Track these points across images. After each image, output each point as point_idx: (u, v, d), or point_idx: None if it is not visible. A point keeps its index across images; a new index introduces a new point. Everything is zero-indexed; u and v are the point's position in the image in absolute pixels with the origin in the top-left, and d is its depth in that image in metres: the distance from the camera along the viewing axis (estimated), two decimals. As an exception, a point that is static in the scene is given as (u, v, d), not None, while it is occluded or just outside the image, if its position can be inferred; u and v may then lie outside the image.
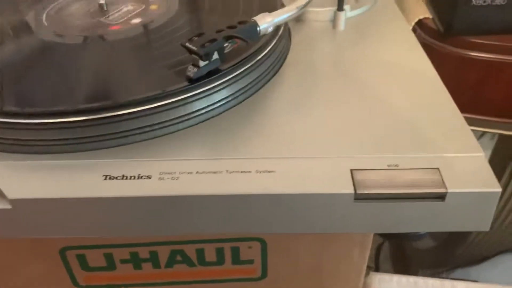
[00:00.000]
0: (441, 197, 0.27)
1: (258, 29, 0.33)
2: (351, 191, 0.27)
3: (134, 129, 0.29)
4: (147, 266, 0.37)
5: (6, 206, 0.27)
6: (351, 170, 0.28)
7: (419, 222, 0.28)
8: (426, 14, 0.55)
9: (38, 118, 0.29)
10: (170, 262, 0.37)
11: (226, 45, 0.32)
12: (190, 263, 0.37)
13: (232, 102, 0.32)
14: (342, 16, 0.42)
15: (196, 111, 0.31)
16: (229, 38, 0.31)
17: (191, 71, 0.31)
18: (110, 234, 0.30)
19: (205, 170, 0.28)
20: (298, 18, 0.44)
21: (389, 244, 0.98)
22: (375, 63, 0.38)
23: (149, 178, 0.28)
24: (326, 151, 0.29)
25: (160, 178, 0.28)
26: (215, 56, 0.31)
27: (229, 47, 0.32)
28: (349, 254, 0.38)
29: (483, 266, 0.85)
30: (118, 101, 0.29)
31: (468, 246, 0.83)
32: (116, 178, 0.28)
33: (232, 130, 0.31)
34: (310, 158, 0.29)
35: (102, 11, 0.40)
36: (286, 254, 0.38)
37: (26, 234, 0.30)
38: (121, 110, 0.29)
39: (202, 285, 0.39)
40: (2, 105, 0.30)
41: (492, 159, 0.71)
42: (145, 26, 0.38)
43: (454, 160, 0.29)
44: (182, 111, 0.30)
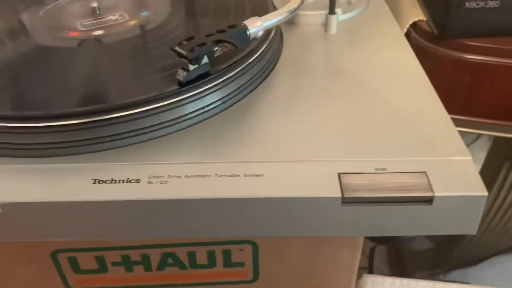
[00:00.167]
0: (428, 200, 0.27)
1: (248, 33, 0.33)
2: (338, 195, 0.27)
3: (123, 133, 0.29)
4: (139, 268, 0.37)
5: (-4, 209, 0.28)
6: (339, 174, 0.28)
7: (407, 225, 0.28)
8: (421, 16, 0.55)
9: (27, 122, 0.29)
10: (162, 265, 0.37)
11: (216, 49, 0.32)
12: (181, 266, 0.37)
13: (221, 106, 0.32)
14: (333, 19, 0.42)
15: (185, 115, 0.31)
16: (218, 42, 0.32)
17: (181, 75, 0.31)
18: (100, 237, 0.30)
19: (193, 174, 0.28)
20: (291, 21, 0.44)
21: (386, 246, 0.98)
22: (365, 67, 0.38)
23: (137, 182, 0.28)
24: (314, 155, 0.29)
25: (149, 182, 0.28)
26: (205, 60, 0.31)
27: (219, 51, 0.32)
28: (340, 256, 0.38)
29: (480, 267, 0.85)
30: (106, 105, 0.29)
31: (464, 247, 0.83)
32: (105, 182, 0.28)
33: (221, 134, 0.31)
34: (298, 161, 0.29)
35: (94, 14, 0.40)
36: (278, 256, 0.38)
37: (16, 237, 0.30)
38: (109, 114, 0.29)
39: (194, 287, 0.40)
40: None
41: (487, 160, 0.71)
42: (137, 29, 0.38)
43: (442, 163, 0.29)
44: (171, 115, 0.30)
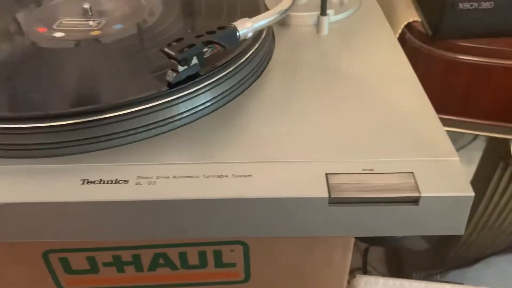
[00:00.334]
0: (414, 201, 0.27)
1: (238, 34, 0.33)
2: (326, 195, 0.27)
3: (111, 134, 0.30)
4: (130, 269, 0.37)
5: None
6: (326, 174, 0.28)
7: (394, 225, 0.29)
8: (415, 17, 0.55)
9: (16, 123, 0.29)
10: (153, 266, 0.37)
11: (205, 50, 0.32)
12: (173, 267, 0.38)
13: (210, 108, 0.32)
14: (325, 20, 0.42)
15: (174, 116, 0.31)
16: (208, 43, 0.32)
17: (170, 76, 0.31)
18: (89, 238, 0.30)
19: (182, 174, 0.28)
20: (283, 22, 0.44)
21: (384, 247, 0.98)
22: (356, 68, 0.38)
23: (126, 182, 0.28)
24: (302, 155, 0.29)
25: (137, 183, 0.28)
26: (194, 61, 0.31)
27: (208, 52, 0.32)
28: (331, 256, 0.38)
29: (477, 268, 0.85)
30: (95, 106, 0.30)
31: (460, 248, 0.83)
32: (93, 183, 0.28)
33: (210, 134, 0.31)
34: (286, 162, 0.29)
35: (86, 16, 0.41)
36: (269, 257, 0.38)
37: (6, 238, 0.30)
38: (98, 115, 0.29)
39: (186, 288, 0.40)
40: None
41: (482, 161, 0.71)
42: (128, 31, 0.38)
43: (429, 164, 0.29)
44: (160, 116, 0.30)
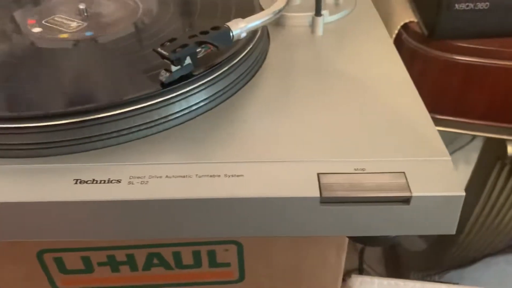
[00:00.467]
0: (406, 200, 0.27)
1: (231, 34, 0.33)
2: (317, 195, 0.27)
3: (104, 133, 0.30)
4: (125, 269, 0.38)
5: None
6: (318, 174, 0.28)
7: (386, 225, 0.29)
8: (412, 18, 0.55)
9: (8, 122, 0.29)
10: (148, 265, 0.38)
11: (199, 50, 0.32)
12: (167, 266, 0.38)
13: (203, 108, 0.33)
14: (320, 21, 0.42)
15: (166, 116, 0.31)
16: (201, 43, 0.32)
17: (163, 76, 0.31)
18: (83, 237, 0.30)
19: (174, 174, 0.28)
20: (277, 23, 0.44)
21: (382, 248, 0.98)
22: (349, 69, 0.38)
23: (118, 182, 0.28)
24: (294, 155, 0.30)
25: (129, 182, 0.28)
26: (188, 61, 0.31)
27: (202, 52, 0.33)
28: (325, 256, 0.38)
29: (475, 268, 0.85)
30: (88, 106, 0.30)
31: (458, 248, 0.83)
32: (86, 182, 0.28)
33: (202, 135, 0.31)
34: (278, 162, 0.29)
35: (81, 16, 0.41)
36: (263, 256, 0.38)
37: (0, 238, 0.30)
38: (91, 115, 0.29)
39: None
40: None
41: (479, 161, 0.71)
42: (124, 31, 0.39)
43: (421, 164, 0.29)
44: (153, 116, 0.31)
